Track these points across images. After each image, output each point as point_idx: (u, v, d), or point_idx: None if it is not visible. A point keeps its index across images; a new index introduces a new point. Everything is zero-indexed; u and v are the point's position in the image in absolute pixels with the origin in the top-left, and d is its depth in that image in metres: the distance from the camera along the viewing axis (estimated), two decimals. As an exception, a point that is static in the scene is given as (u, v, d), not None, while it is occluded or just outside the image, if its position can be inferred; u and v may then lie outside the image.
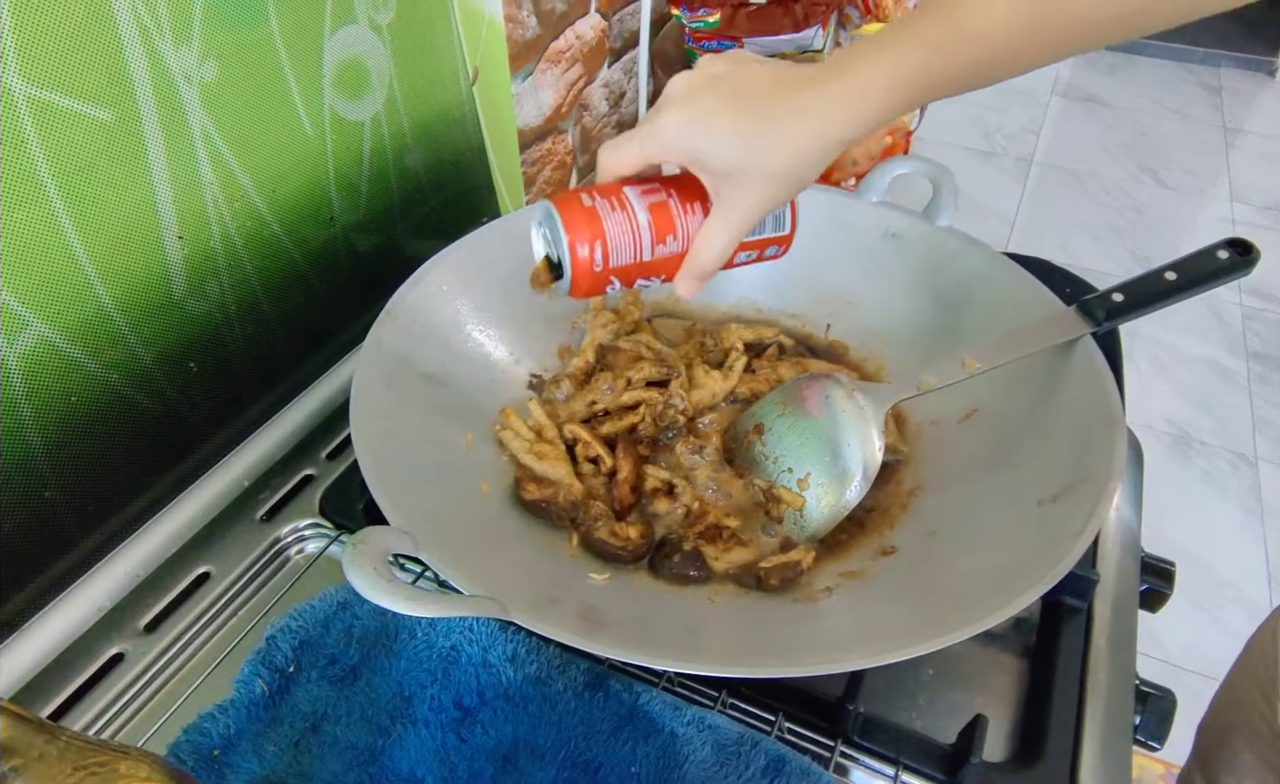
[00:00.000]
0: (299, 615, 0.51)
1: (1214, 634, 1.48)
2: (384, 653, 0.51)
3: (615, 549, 0.53)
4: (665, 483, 0.58)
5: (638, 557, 0.54)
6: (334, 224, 0.72)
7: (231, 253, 0.63)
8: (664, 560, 0.53)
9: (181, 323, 0.60)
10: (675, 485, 0.57)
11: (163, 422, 0.61)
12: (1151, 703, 0.57)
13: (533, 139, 1.06)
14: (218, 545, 0.60)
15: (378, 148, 0.74)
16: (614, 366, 0.64)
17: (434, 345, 0.60)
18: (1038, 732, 0.49)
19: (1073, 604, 0.55)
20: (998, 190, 2.61)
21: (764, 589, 0.52)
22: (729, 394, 0.64)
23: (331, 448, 0.67)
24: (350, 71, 0.69)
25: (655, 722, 0.47)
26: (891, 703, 0.51)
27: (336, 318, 0.74)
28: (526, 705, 0.48)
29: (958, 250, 0.65)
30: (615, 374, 0.63)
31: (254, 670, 0.49)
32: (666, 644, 0.45)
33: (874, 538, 0.55)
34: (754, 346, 0.69)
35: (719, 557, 0.53)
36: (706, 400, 0.63)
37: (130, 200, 0.54)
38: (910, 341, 0.66)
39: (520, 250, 0.67)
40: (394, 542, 0.42)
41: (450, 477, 0.54)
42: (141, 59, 0.52)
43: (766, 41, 1.26)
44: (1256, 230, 2.46)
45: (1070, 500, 0.46)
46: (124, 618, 0.55)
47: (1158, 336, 2.08)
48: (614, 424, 0.61)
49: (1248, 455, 1.79)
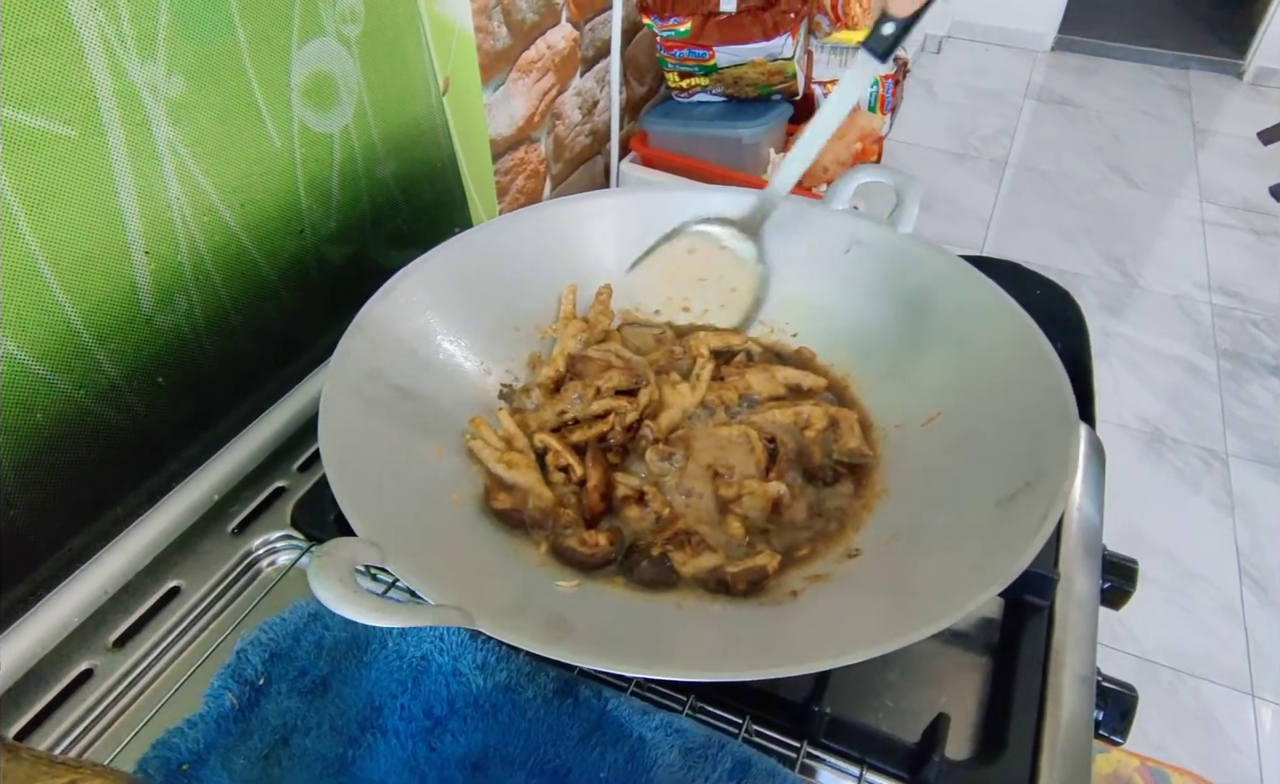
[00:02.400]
0: (269, 628, 0.51)
1: (1187, 629, 1.50)
2: (354, 664, 0.51)
3: (583, 555, 0.54)
4: (635, 490, 0.59)
5: (605, 562, 0.54)
6: (305, 236, 0.72)
7: (200, 267, 0.63)
8: (632, 566, 0.54)
9: (150, 337, 0.60)
10: (645, 493, 0.58)
11: (131, 436, 0.61)
12: (1113, 698, 0.58)
13: (505, 148, 1.07)
14: (188, 559, 0.60)
15: (348, 159, 0.74)
16: (584, 375, 0.64)
17: (403, 357, 0.61)
18: (999, 728, 0.50)
19: (1034, 603, 0.56)
20: (973, 192, 2.64)
21: (731, 594, 0.52)
22: (698, 405, 0.64)
23: (303, 460, 0.67)
24: (319, 84, 0.69)
25: (623, 727, 0.47)
26: (857, 704, 0.52)
27: (308, 329, 0.74)
28: (496, 713, 0.49)
29: (920, 257, 0.66)
30: (585, 383, 0.63)
31: (223, 684, 0.49)
32: (633, 650, 0.46)
33: (840, 542, 0.55)
34: (722, 354, 0.69)
35: (687, 562, 0.54)
36: (677, 419, 0.63)
37: (96, 217, 0.54)
38: (875, 346, 0.67)
39: (487, 262, 0.68)
40: (361, 553, 0.43)
41: (419, 487, 0.54)
42: (106, 74, 0.52)
43: (737, 49, 1.27)
44: (1225, 229, 2.50)
45: (1026, 501, 0.47)
46: (93, 634, 0.55)
47: (1130, 336, 2.11)
48: (584, 433, 0.62)
49: (1219, 452, 1.82)
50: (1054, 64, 3.48)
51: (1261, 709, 1.39)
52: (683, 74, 1.35)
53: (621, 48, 1.27)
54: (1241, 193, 2.66)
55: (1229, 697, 1.41)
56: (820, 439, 0.61)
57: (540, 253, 0.70)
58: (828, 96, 0.64)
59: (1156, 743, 1.35)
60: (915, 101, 3.11)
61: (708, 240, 0.71)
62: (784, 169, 0.66)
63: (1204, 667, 1.45)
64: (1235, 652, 1.47)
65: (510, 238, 0.70)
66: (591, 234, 0.73)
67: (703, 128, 1.34)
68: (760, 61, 1.29)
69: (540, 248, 0.70)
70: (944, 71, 3.38)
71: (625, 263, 0.73)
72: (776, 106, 1.39)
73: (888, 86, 1.50)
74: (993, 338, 0.59)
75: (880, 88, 1.50)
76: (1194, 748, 1.34)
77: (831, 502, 0.58)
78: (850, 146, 1.30)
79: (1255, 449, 1.83)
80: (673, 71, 1.35)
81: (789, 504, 0.58)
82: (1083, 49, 3.57)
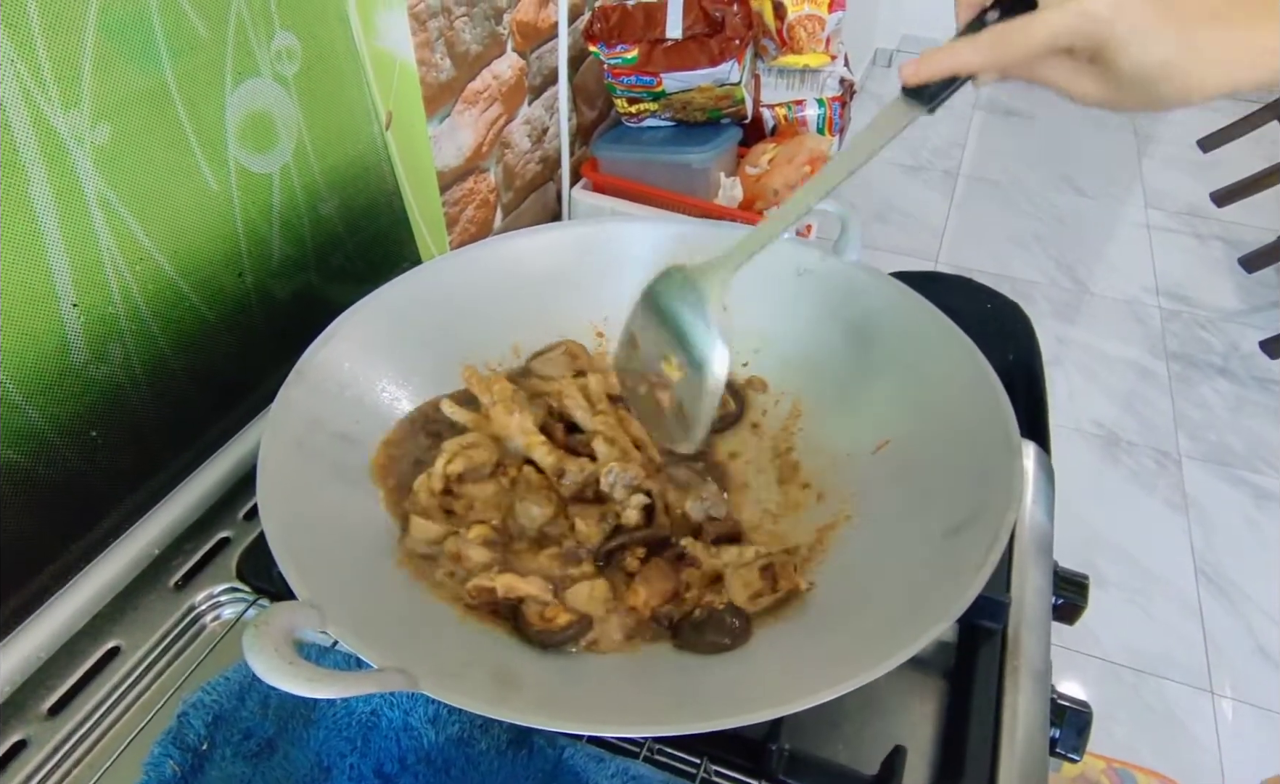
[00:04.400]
0: (212, 689, 0.50)
1: (1147, 629, 1.52)
2: (301, 723, 0.49)
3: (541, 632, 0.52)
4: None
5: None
6: (245, 278, 0.70)
7: (135, 315, 0.61)
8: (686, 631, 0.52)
9: (83, 390, 0.58)
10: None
11: (66, 491, 0.59)
12: (1069, 717, 0.59)
13: (454, 179, 1.06)
14: (128, 617, 0.58)
15: (288, 199, 0.73)
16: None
17: (346, 403, 0.59)
18: (957, 755, 0.50)
19: (987, 627, 0.56)
20: (926, 204, 2.67)
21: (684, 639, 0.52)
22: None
23: (248, 508, 0.66)
24: (256, 125, 0.68)
25: (579, 776, 0.47)
26: (815, 738, 0.51)
27: (252, 372, 0.72)
28: (449, 768, 0.48)
29: (866, 284, 0.66)
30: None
31: (164, 751, 0.47)
32: (582, 706, 0.45)
33: (787, 598, 0.55)
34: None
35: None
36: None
37: (20, 272, 0.53)
38: (825, 374, 0.67)
39: (431, 301, 0.67)
40: (300, 618, 0.41)
41: (361, 540, 0.53)
42: (26, 125, 0.51)
43: (684, 76, 1.28)
44: (1170, 234, 2.56)
45: (972, 532, 0.47)
46: (27, 701, 0.53)
47: (1083, 341, 2.15)
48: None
49: (1171, 452, 1.86)
50: (1001, 75, 3.54)
51: (1221, 705, 1.42)
52: (631, 100, 1.35)
53: (569, 75, 1.27)
54: (1185, 198, 2.73)
55: (1190, 695, 1.43)
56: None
57: (486, 290, 0.69)
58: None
59: (1122, 743, 1.36)
60: (866, 115, 3.14)
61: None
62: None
63: (1165, 666, 1.47)
64: (1194, 650, 1.50)
65: (453, 277, 0.69)
66: (537, 268, 0.72)
67: (653, 153, 1.34)
68: (708, 87, 1.29)
69: (485, 285, 0.69)
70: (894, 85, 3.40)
71: (573, 296, 0.72)
72: (726, 130, 1.40)
73: (834, 108, 1.52)
74: (936, 363, 0.60)
75: (829, 109, 1.51)
76: (1158, 747, 1.36)
77: (787, 534, 0.58)
78: (799, 169, 1.31)
79: (1205, 449, 1.87)
80: (621, 98, 1.36)
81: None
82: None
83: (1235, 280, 2.38)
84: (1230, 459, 1.85)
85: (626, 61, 1.27)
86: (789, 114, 1.53)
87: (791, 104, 1.52)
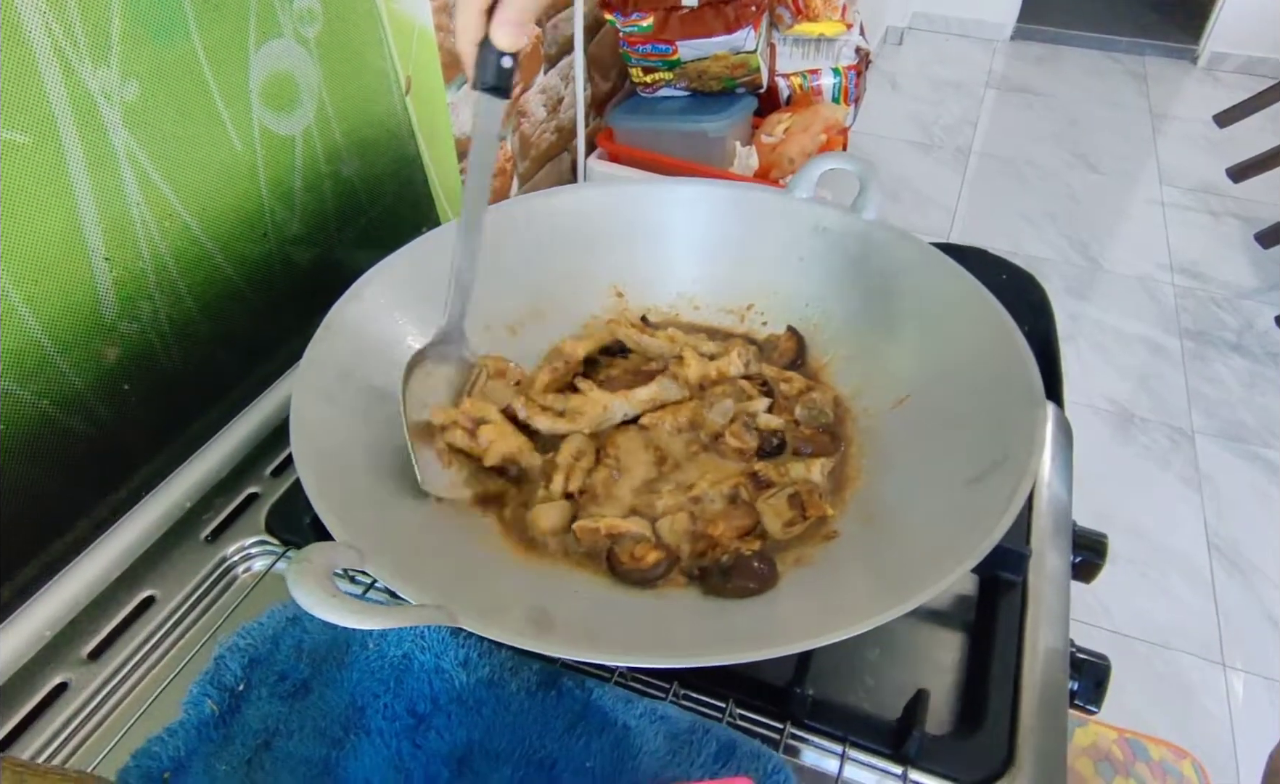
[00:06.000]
0: (247, 633, 0.51)
1: (1160, 602, 1.53)
2: (335, 666, 0.50)
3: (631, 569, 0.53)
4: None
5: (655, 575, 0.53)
6: (269, 239, 0.71)
7: (163, 272, 0.62)
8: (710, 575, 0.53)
9: (114, 345, 0.59)
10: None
11: (100, 445, 0.60)
12: (1087, 669, 0.59)
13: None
14: (162, 568, 0.59)
15: (310, 161, 0.73)
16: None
17: (373, 358, 0.60)
18: (978, 702, 0.51)
19: (1008, 578, 0.57)
20: (938, 182, 2.67)
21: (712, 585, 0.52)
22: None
23: (276, 464, 0.67)
24: (278, 85, 0.68)
25: (608, 716, 0.48)
26: (839, 684, 0.52)
27: (277, 332, 0.73)
28: (480, 708, 0.49)
29: (885, 242, 0.66)
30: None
31: (203, 691, 0.48)
32: (616, 640, 0.46)
33: (818, 525, 0.56)
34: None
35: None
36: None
37: (54, 224, 0.53)
38: (843, 332, 0.67)
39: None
40: (340, 556, 0.42)
41: (396, 487, 0.54)
42: (58, 81, 0.52)
43: (699, 44, 1.27)
44: (1185, 211, 2.55)
45: (994, 480, 0.48)
46: (67, 646, 0.54)
47: (1096, 318, 2.15)
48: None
49: (1185, 429, 1.86)
50: (1013, 53, 3.52)
51: (1233, 678, 1.42)
52: (646, 69, 1.35)
53: (585, 44, 1.27)
54: (1199, 175, 2.71)
55: (1202, 667, 1.44)
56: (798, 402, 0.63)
57: (506, 250, 0.70)
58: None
59: (1134, 713, 1.37)
60: (878, 93, 3.14)
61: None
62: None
63: (1177, 638, 1.48)
64: (1206, 623, 1.50)
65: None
66: (559, 228, 0.73)
67: (668, 123, 1.34)
68: (723, 55, 1.29)
69: (506, 245, 0.70)
70: (906, 63, 3.41)
71: (591, 258, 0.73)
72: (741, 99, 1.40)
73: (850, 77, 1.51)
74: (959, 320, 0.60)
75: (844, 79, 1.50)
76: (1170, 717, 1.37)
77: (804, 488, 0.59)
78: (815, 138, 1.31)
79: (1219, 425, 1.87)
80: (636, 67, 1.35)
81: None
82: (1041, 38, 3.62)
83: (1251, 256, 2.36)
84: (1244, 435, 1.84)
85: (642, 30, 1.27)
86: (804, 83, 1.53)
87: (807, 73, 1.51)
